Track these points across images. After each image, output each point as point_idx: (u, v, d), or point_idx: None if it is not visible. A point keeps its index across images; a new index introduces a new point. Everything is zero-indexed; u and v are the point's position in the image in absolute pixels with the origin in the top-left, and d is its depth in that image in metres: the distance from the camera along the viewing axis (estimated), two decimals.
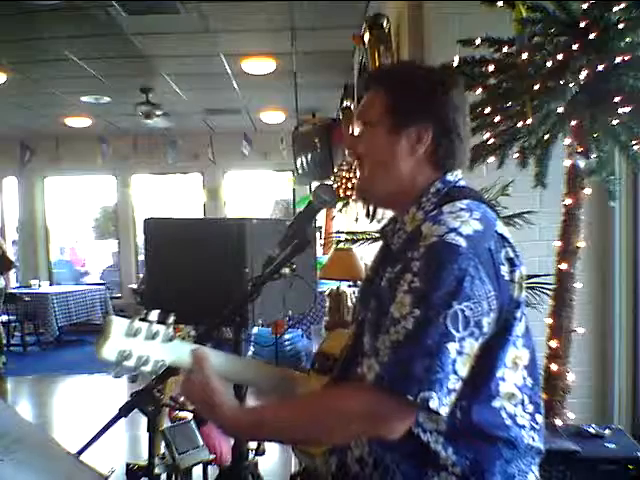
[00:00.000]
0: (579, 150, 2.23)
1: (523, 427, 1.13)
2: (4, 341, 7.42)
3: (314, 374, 1.41)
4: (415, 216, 1.18)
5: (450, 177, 1.21)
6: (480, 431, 1.09)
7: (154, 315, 1.11)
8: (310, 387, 1.36)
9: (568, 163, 2.31)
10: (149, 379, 1.34)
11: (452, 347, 1.00)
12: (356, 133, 1.26)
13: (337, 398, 1.10)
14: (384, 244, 1.30)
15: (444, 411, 1.01)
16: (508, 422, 1.11)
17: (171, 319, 1.13)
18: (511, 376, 1.12)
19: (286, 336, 5.80)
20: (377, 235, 1.25)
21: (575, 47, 2.09)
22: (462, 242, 1.03)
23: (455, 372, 1.01)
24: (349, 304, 3.95)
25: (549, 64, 2.13)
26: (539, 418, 1.16)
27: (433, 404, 0.99)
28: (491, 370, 1.09)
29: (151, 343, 1.10)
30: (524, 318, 1.14)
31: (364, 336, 1.17)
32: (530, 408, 1.15)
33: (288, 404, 1.22)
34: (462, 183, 1.22)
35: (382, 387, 1.02)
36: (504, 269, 1.08)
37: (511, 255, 1.10)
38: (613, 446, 2.19)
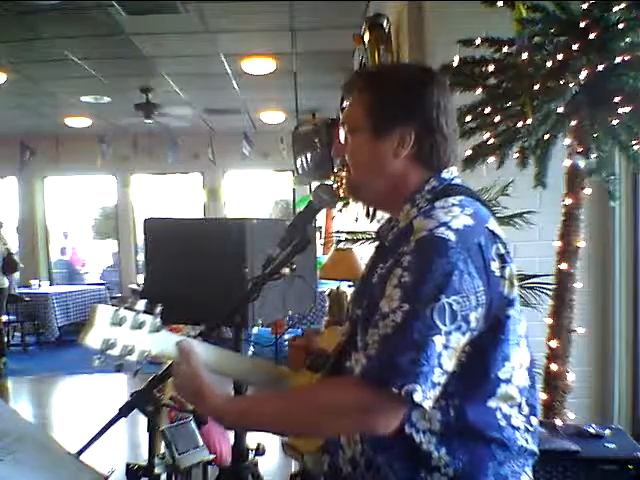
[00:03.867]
0: (579, 150, 2.23)
1: (517, 429, 1.12)
2: (5, 340, 7.43)
3: (306, 371, 1.41)
4: (409, 213, 1.18)
5: (445, 175, 1.20)
6: (473, 431, 1.09)
7: (141, 304, 1.10)
8: (301, 383, 1.36)
9: (568, 163, 2.31)
10: (145, 375, 1.34)
11: (438, 341, 1.00)
12: (342, 139, 1.26)
13: (324, 391, 1.11)
14: (380, 243, 1.30)
15: (427, 405, 1.00)
16: (502, 423, 1.11)
17: (158, 309, 1.13)
18: (516, 378, 1.12)
19: (286, 336, 5.80)
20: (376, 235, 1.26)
21: (575, 47, 2.09)
22: (451, 236, 1.03)
23: (440, 366, 1.00)
24: None
25: (549, 64, 2.13)
26: (534, 420, 1.16)
27: (417, 397, 0.98)
28: (485, 369, 1.09)
29: (137, 332, 1.09)
30: (522, 317, 1.14)
31: (357, 335, 1.17)
32: (526, 410, 1.14)
33: (276, 396, 1.22)
34: (457, 181, 1.22)
35: (368, 380, 1.02)
36: (494, 265, 1.08)
37: (502, 251, 1.10)
38: (613, 446, 2.18)
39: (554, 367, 2.35)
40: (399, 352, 0.99)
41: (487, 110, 2.32)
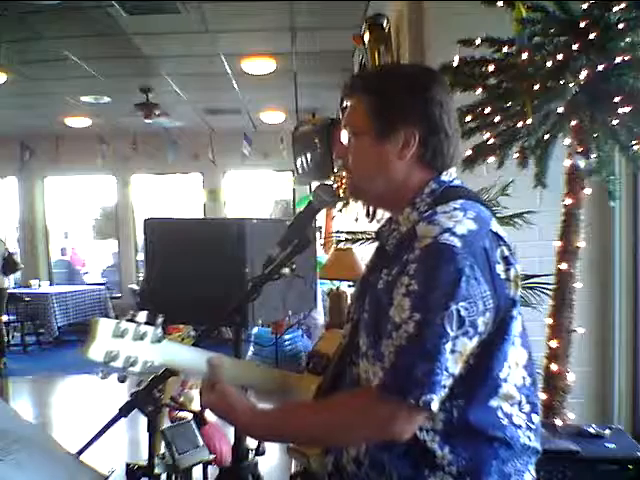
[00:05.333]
0: (579, 150, 2.23)
1: (519, 427, 1.13)
2: (5, 340, 7.43)
3: (308, 374, 1.41)
4: (409, 217, 1.18)
5: (445, 177, 1.20)
6: (476, 430, 1.09)
7: (142, 316, 1.11)
8: (304, 388, 1.37)
9: (568, 163, 2.31)
10: (147, 379, 1.34)
11: (448, 347, 1.01)
12: (344, 141, 1.25)
13: (344, 405, 1.12)
14: (380, 245, 1.30)
15: (435, 407, 1.02)
16: (504, 422, 1.11)
17: (159, 320, 1.14)
18: (513, 377, 1.12)
19: (286, 336, 5.79)
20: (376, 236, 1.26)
21: (575, 47, 2.09)
22: (456, 242, 1.03)
23: (447, 369, 1.02)
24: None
25: (549, 64, 2.13)
26: (535, 418, 1.16)
27: (434, 406, 1.01)
28: (488, 369, 1.10)
29: (139, 344, 1.10)
30: (520, 317, 1.14)
31: (359, 336, 1.17)
32: (527, 408, 1.15)
33: (300, 409, 1.23)
34: (457, 182, 1.21)
35: (385, 392, 1.03)
36: (500, 268, 1.08)
37: (506, 253, 1.10)
38: (613, 446, 2.18)
39: (554, 367, 2.35)
40: (414, 363, 1.01)
41: (487, 110, 2.32)
